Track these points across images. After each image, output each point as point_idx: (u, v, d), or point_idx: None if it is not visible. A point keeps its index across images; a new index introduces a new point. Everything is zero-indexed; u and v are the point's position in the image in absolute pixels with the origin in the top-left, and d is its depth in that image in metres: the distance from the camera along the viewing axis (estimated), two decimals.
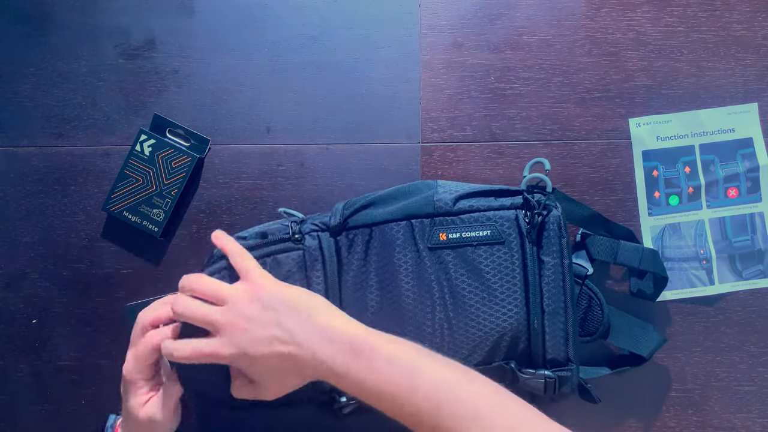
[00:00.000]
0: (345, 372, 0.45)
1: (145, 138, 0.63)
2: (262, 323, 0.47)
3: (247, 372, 0.49)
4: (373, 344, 0.45)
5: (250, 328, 0.47)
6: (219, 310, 0.48)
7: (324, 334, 0.46)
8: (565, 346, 0.53)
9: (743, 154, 0.64)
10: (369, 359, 0.44)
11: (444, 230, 0.54)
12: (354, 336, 0.46)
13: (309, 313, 0.48)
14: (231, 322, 0.47)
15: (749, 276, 0.63)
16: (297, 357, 0.46)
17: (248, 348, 0.47)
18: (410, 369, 0.44)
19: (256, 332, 0.47)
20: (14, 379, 0.64)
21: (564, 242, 0.53)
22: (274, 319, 0.47)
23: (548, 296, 0.53)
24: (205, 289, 0.50)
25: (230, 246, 0.53)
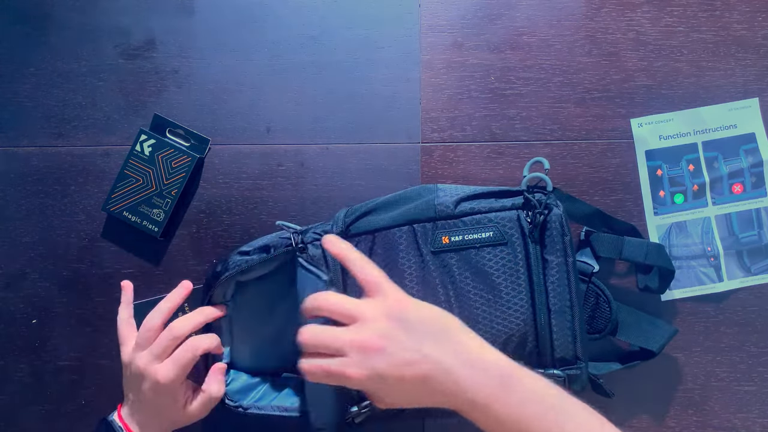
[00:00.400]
0: (487, 404, 0.42)
1: (145, 138, 0.63)
2: (401, 343, 0.44)
3: (372, 393, 0.46)
4: (519, 377, 0.44)
5: (387, 348, 0.44)
6: (350, 330, 0.45)
7: (469, 360, 0.44)
8: (573, 344, 0.53)
9: (746, 149, 0.64)
10: (516, 393, 0.43)
11: (446, 233, 0.54)
12: (503, 367, 0.44)
13: (450, 335, 0.45)
14: (364, 342, 0.44)
15: (758, 271, 0.63)
16: (436, 382, 0.43)
17: (384, 370, 0.43)
18: (556, 410, 0.43)
19: (395, 353, 0.43)
20: (14, 379, 0.64)
21: (567, 240, 0.53)
22: (414, 339, 0.44)
23: (554, 295, 0.53)
24: (335, 308, 0.46)
25: (350, 253, 0.49)
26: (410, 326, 0.45)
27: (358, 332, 0.45)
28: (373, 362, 0.44)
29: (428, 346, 0.44)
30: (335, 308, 0.46)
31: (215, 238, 0.64)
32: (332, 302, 0.47)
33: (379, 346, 0.44)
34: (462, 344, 0.45)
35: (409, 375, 0.43)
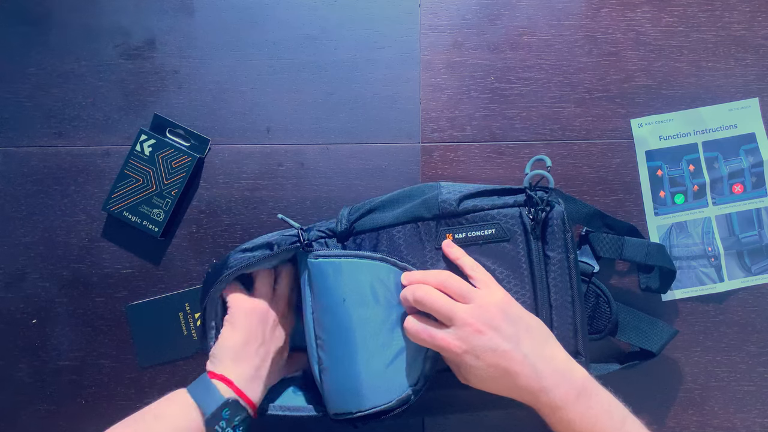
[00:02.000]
0: (562, 406, 0.47)
1: (145, 138, 0.63)
2: (502, 335, 0.48)
3: (461, 367, 0.50)
4: (595, 389, 0.49)
5: (489, 335, 0.48)
6: (463, 306, 0.49)
7: (557, 366, 0.48)
8: (574, 339, 0.53)
9: (746, 149, 0.64)
10: (589, 404, 0.48)
11: (450, 231, 0.54)
12: (585, 380, 0.48)
13: (544, 340, 0.50)
14: (473, 322, 0.48)
15: (758, 271, 0.63)
16: (523, 378, 0.47)
17: (480, 352, 0.48)
18: (622, 423, 0.48)
19: (495, 341, 0.48)
20: (14, 379, 0.64)
21: (568, 237, 0.54)
22: (514, 335, 0.48)
23: (555, 291, 0.53)
24: (453, 286, 0.50)
25: (466, 260, 0.53)
26: (513, 321, 0.49)
27: (470, 311, 0.49)
28: (474, 342, 0.48)
29: (526, 345, 0.48)
30: (454, 287, 0.50)
31: (215, 238, 0.64)
32: (453, 281, 0.50)
33: (482, 329, 0.48)
34: (553, 351, 0.50)
35: (503, 364, 0.47)
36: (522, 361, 0.47)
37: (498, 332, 0.48)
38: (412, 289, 0.50)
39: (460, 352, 0.48)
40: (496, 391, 0.50)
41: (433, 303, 0.49)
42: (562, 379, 0.48)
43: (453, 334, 0.48)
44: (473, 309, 0.49)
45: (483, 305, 0.49)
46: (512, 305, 0.50)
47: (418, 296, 0.50)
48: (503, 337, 0.48)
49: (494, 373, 0.48)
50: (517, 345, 0.48)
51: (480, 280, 0.51)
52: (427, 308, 0.50)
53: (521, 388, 0.48)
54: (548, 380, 0.47)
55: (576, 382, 0.48)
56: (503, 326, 0.48)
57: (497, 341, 0.48)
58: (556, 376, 0.48)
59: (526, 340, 0.48)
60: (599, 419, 0.47)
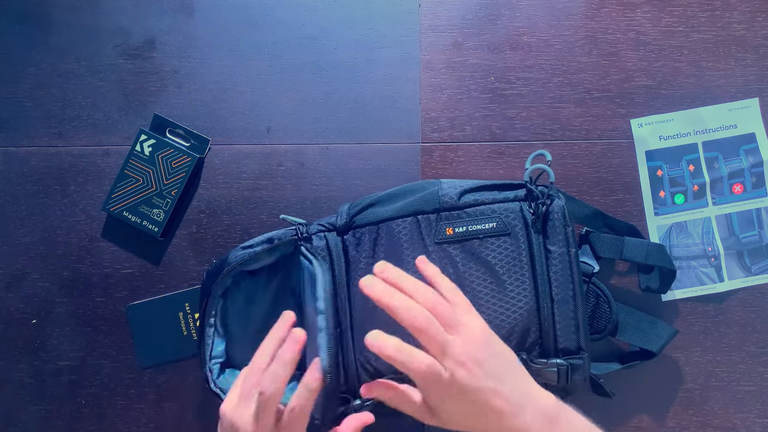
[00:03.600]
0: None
1: (145, 138, 0.63)
2: (488, 372, 0.46)
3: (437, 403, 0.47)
4: (566, 414, 0.48)
5: (477, 373, 0.45)
6: (455, 340, 0.46)
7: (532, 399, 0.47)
8: (576, 334, 0.53)
9: (746, 149, 0.64)
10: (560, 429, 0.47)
11: (450, 225, 0.54)
12: (556, 405, 0.47)
13: (521, 373, 0.48)
14: (462, 358, 0.45)
15: (758, 271, 0.63)
16: (508, 416, 0.46)
17: (468, 391, 0.45)
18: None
19: (481, 380, 0.45)
20: (14, 379, 0.64)
21: (569, 231, 0.53)
22: (497, 372, 0.46)
23: (556, 285, 0.53)
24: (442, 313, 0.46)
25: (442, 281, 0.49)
26: (496, 356, 0.47)
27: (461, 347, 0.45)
28: (463, 380, 0.45)
29: (509, 381, 0.47)
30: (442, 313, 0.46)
31: (215, 238, 0.64)
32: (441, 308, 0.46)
33: (472, 368, 0.45)
34: (530, 384, 0.48)
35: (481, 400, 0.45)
36: (507, 399, 0.46)
37: (484, 370, 0.45)
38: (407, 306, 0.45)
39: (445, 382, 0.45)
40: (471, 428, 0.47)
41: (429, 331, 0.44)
42: (539, 411, 0.46)
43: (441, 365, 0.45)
44: (464, 344, 0.46)
45: (470, 339, 0.46)
46: (494, 337, 0.48)
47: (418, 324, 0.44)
48: (489, 375, 0.46)
49: (477, 412, 0.46)
50: (502, 383, 0.46)
51: (461, 307, 0.48)
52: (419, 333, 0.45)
53: (504, 427, 0.46)
54: (529, 416, 0.46)
55: (548, 411, 0.47)
56: (489, 362, 0.46)
57: (483, 380, 0.45)
58: (533, 410, 0.46)
59: (507, 376, 0.47)
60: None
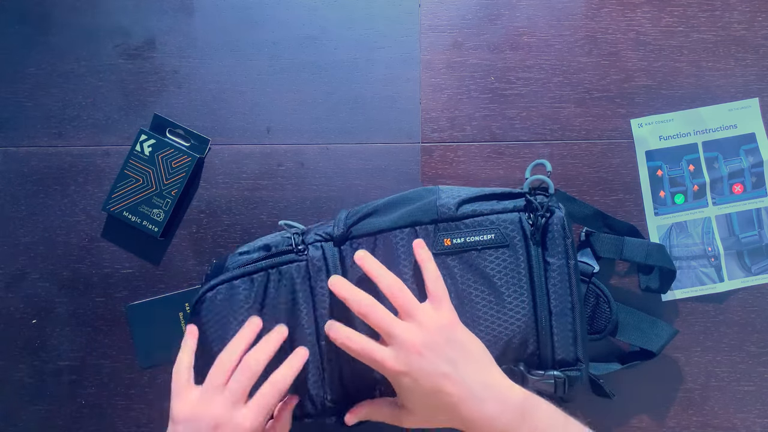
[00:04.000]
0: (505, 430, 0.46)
1: (145, 138, 0.63)
2: (442, 358, 0.46)
3: (401, 394, 0.48)
4: (536, 404, 0.48)
5: (427, 356, 0.46)
6: (405, 324, 0.48)
7: (498, 392, 0.47)
8: (573, 346, 0.53)
9: (746, 149, 0.64)
10: (533, 422, 0.46)
11: (448, 236, 0.54)
12: (523, 398, 0.47)
13: (484, 365, 0.48)
14: (411, 340, 0.46)
15: (758, 271, 0.63)
16: (464, 406, 0.46)
17: (418, 375, 0.46)
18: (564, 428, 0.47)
19: (434, 364, 0.46)
20: (14, 379, 0.64)
21: (569, 243, 0.53)
22: (453, 358, 0.47)
23: (555, 297, 0.53)
24: (400, 298, 0.49)
25: (430, 266, 0.51)
26: (454, 345, 0.48)
27: (409, 330, 0.47)
28: (413, 363, 0.46)
29: (464, 370, 0.47)
30: (399, 298, 0.49)
31: (215, 238, 0.64)
32: (403, 292, 0.49)
33: (419, 350, 0.46)
34: (493, 377, 0.48)
35: (436, 387, 0.46)
36: (461, 387, 0.46)
37: (437, 355, 0.46)
38: (358, 299, 0.49)
39: (397, 372, 0.46)
40: (438, 423, 0.48)
41: (375, 318, 0.48)
42: (504, 405, 0.46)
43: (391, 352, 0.47)
44: (415, 329, 0.47)
45: (426, 325, 0.47)
46: (456, 328, 0.49)
47: (363, 310, 0.48)
48: (443, 361, 0.46)
49: (433, 401, 0.46)
50: (456, 369, 0.46)
51: (434, 296, 0.49)
52: (368, 321, 0.48)
53: (464, 418, 0.46)
54: (490, 408, 0.46)
55: (517, 404, 0.47)
56: (444, 349, 0.47)
57: (436, 364, 0.46)
58: (497, 402, 0.46)
59: (464, 366, 0.47)
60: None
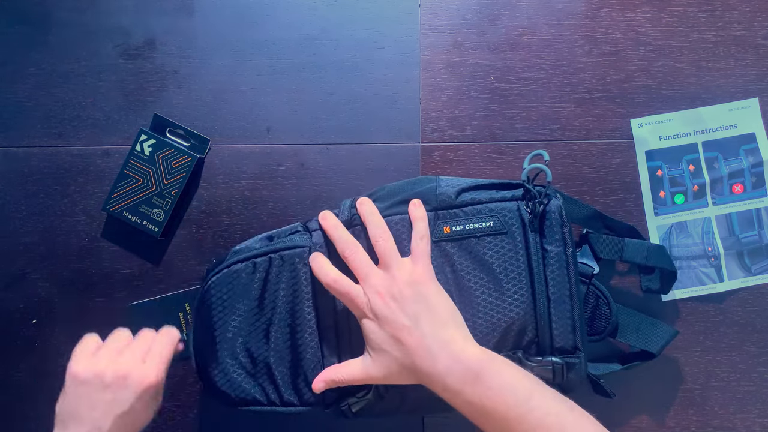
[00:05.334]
0: (459, 390, 0.47)
1: (145, 138, 0.63)
2: (403, 309, 0.49)
3: (366, 337, 0.51)
4: (494, 370, 0.47)
5: (391, 306, 0.50)
6: (379, 272, 0.51)
7: (453, 350, 0.48)
8: (572, 334, 0.53)
9: (746, 149, 0.64)
10: (488, 384, 0.46)
11: (447, 223, 0.54)
12: (479, 360, 0.48)
13: (444, 322, 0.50)
14: (379, 288, 0.50)
15: (758, 271, 0.63)
16: (418, 358, 0.48)
17: (381, 321, 0.50)
18: (526, 397, 0.46)
19: (395, 314, 0.49)
20: (14, 379, 0.64)
21: (566, 231, 0.54)
22: (416, 312, 0.49)
23: (553, 284, 0.53)
24: (380, 246, 0.52)
25: (420, 225, 0.53)
26: (419, 299, 0.50)
27: (382, 278, 0.51)
28: (377, 308, 0.50)
29: (424, 324, 0.49)
30: (382, 245, 0.52)
31: (215, 238, 0.64)
32: (383, 244, 0.52)
33: (386, 299, 0.50)
34: (452, 335, 0.49)
35: (400, 339, 0.49)
36: (419, 340, 0.48)
37: (401, 306, 0.49)
38: (343, 239, 0.53)
39: (363, 312, 0.50)
40: (399, 379, 0.50)
41: (355, 260, 0.52)
42: (457, 363, 0.47)
43: (362, 292, 0.51)
44: (386, 277, 0.51)
45: (397, 276, 0.50)
46: (427, 284, 0.51)
47: (346, 252, 0.52)
48: (404, 313, 0.49)
49: (392, 347, 0.49)
50: (416, 323, 0.49)
51: (415, 252, 0.52)
52: (348, 263, 0.52)
53: (419, 370, 0.48)
54: (442, 364, 0.47)
55: (472, 364, 0.47)
56: (408, 302, 0.49)
57: (398, 314, 0.49)
58: (450, 360, 0.47)
59: (425, 320, 0.49)
60: (501, 397, 0.46)
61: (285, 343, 0.55)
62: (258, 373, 0.55)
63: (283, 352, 0.55)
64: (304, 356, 0.54)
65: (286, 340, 0.55)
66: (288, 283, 0.55)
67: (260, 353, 0.55)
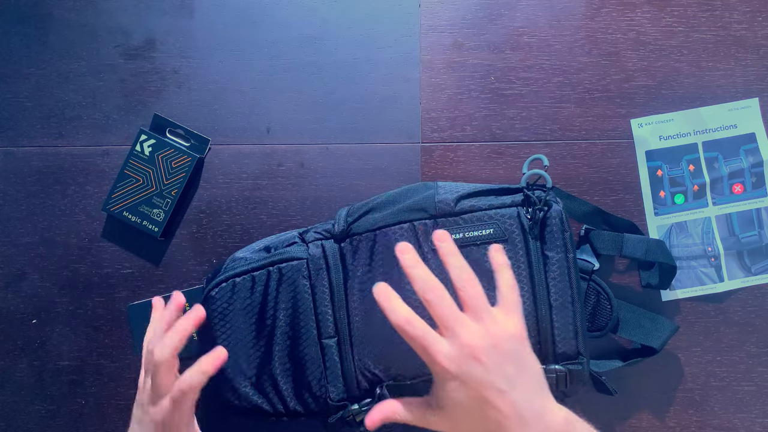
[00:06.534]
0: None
1: (145, 138, 0.63)
2: (499, 369, 0.43)
3: (440, 395, 0.44)
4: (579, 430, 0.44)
5: (485, 364, 0.43)
6: (472, 325, 0.44)
7: (544, 420, 0.43)
8: (574, 339, 0.53)
9: (746, 149, 0.64)
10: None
11: (447, 231, 0.54)
12: (564, 425, 0.44)
13: (539, 389, 0.45)
14: (473, 343, 0.43)
15: (758, 271, 0.63)
16: (507, 423, 0.42)
17: (468, 380, 0.42)
18: None
19: (488, 374, 0.43)
20: (14, 379, 0.64)
21: (567, 236, 0.53)
22: (511, 374, 0.43)
23: (555, 291, 0.53)
24: (470, 294, 0.45)
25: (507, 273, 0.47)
26: (517, 362, 0.44)
27: (474, 330, 0.43)
28: (466, 366, 0.43)
29: (520, 391, 0.43)
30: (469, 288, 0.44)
31: (215, 238, 0.64)
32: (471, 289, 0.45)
33: (478, 356, 0.43)
34: (544, 403, 0.45)
35: (490, 403, 0.42)
36: (511, 408, 0.42)
37: (497, 367, 0.43)
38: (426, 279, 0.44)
39: (447, 372, 0.43)
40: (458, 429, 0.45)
41: (440, 307, 0.44)
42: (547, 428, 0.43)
43: (448, 349, 0.43)
44: (481, 332, 0.43)
45: (493, 333, 0.44)
46: (523, 343, 0.45)
47: (429, 296, 0.44)
48: (501, 376, 0.43)
49: (476, 413, 0.43)
50: (512, 386, 0.43)
51: (508, 303, 0.46)
52: (431, 309, 0.44)
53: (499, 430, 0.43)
54: (532, 427, 0.43)
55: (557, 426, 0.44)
56: (504, 362, 0.43)
57: (492, 375, 0.42)
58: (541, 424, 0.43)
59: (522, 384, 0.43)
60: None
61: (287, 354, 0.55)
62: (263, 385, 0.56)
63: (286, 364, 0.56)
64: (307, 367, 0.55)
65: (289, 351, 0.55)
66: (287, 296, 0.55)
67: (264, 365, 0.56)
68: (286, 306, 0.55)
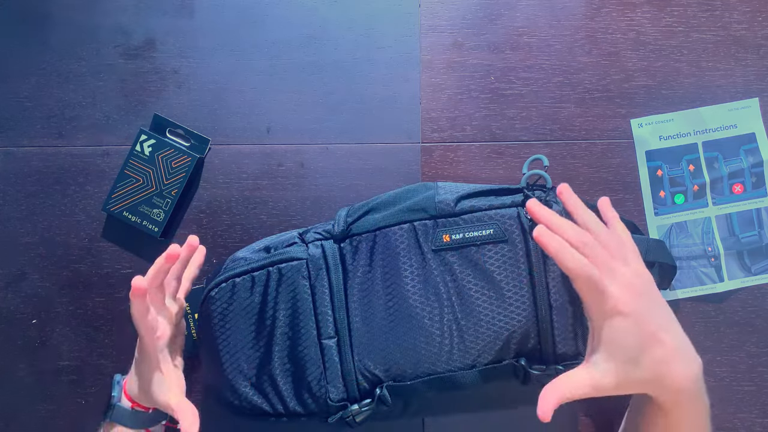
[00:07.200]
0: (699, 397, 0.45)
1: (145, 138, 0.63)
2: (659, 305, 0.45)
3: (609, 336, 0.43)
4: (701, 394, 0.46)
5: (647, 302, 0.44)
6: (622, 266, 0.45)
7: (690, 347, 0.45)
8: (574, 340, 0.53)
9: (746, 149, 0.64)
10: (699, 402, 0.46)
11: (447, 232, 0.54)
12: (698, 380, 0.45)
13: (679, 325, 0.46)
14: (635, 282, 0.44)
15: (758, 271, 0.63)
16: (673, 358, 0.43)
17: (640, 317, 0.43)
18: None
19: (651, 310, 0.44)
20: (14, 379, 0.64)
21: None
22: (666, 311, 0.45)
23: (555, 291, 0.53)
24: (612, 243, 0.46)
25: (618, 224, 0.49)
26: (661, 304, 0.46)
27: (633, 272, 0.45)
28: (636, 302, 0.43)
29: (676, 326, 0.45)
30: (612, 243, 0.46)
31: (215, 238, 0.64)
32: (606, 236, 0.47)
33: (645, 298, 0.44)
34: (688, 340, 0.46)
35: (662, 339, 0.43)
36: (672, 341, 0.43)
37: (656, 305, 0.45)
38: (582, 221, 0.47)
39: (620, 309, 0.43)
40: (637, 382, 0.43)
41: (596, 252, 0.44)
42: (701, 368, 0.44)
43: (617, 288, 0.43)
44: (634, 274, 0.45)
45: (641, 273, 0.45)
46: (655, 285, 0.46)
47: (586, 239, 0.45)
48: (661, 312, 0.45)
49: (648, 350, 0.42)
50: (670, 322, 0.45)
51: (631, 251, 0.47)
52: (586, 254, 0.44)
53: (666, 377, 0.43)
54: (696, 368, 0.44)
55: (700, 383, 0.45)
56: (659, 300, 0.45)
57: (655, 312, 0.44)
58: (699, 365, 0.44)
59: (673, 321, 0.45)
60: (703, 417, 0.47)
61: (287, 355, 0.55)
62: (263, 385, 0.56)
63: (285, 364, 0.55)
64: (307, 367, 0.55)
65: (288, 352, 0.55)
66: (287, 296, 0.55)
67: (263, 366, 0.56)
68: (286, 306, 0.55)
